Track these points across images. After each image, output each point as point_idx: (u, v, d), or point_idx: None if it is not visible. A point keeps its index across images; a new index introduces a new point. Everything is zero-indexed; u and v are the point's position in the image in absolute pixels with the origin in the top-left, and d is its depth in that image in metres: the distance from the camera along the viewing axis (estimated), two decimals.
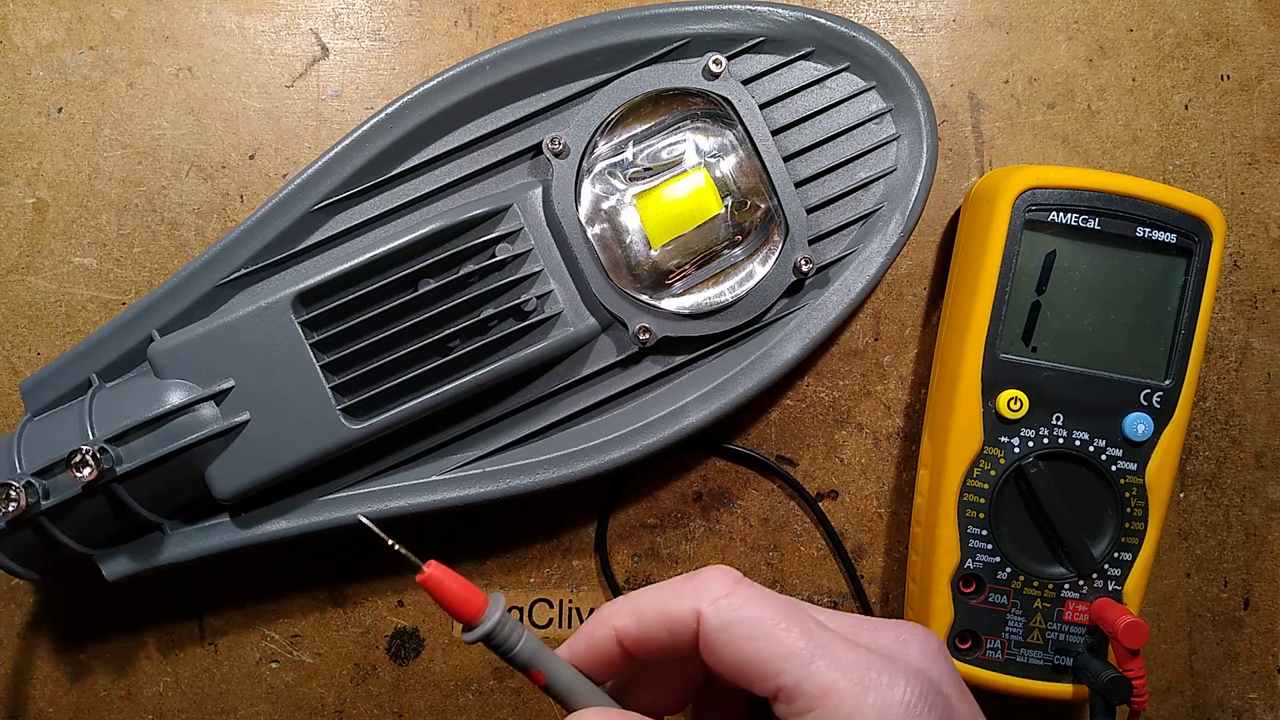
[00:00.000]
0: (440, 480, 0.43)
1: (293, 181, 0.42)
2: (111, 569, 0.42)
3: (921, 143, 0.43)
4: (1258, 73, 0.47)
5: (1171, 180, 0.47)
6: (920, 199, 0.43)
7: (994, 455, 0.43)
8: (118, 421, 0.39)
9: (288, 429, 0.40)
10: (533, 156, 0.43)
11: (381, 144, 0.42)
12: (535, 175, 0.43)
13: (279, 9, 0.46)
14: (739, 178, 0.43)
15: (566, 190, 0.42)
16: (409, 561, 0.28)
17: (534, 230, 0.42)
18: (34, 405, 0.42)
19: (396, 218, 0.43)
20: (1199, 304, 0.42)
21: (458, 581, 0.28)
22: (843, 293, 0.43)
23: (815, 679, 0.25)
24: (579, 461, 0.43)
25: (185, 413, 0.40)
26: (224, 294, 0.42)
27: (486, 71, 0.42)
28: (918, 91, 0.43)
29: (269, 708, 0.47)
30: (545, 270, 0.42)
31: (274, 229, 0.42)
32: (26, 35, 0.46)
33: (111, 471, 0.38)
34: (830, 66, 0.43)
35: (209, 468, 0.40)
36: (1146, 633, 0.40)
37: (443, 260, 0.41)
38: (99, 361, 0.42)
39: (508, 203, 0.42)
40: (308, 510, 0.43)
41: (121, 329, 0.42)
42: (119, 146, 0.46)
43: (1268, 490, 0.48)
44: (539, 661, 0.29)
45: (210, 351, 0.40)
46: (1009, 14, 0.47)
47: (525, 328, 0.42)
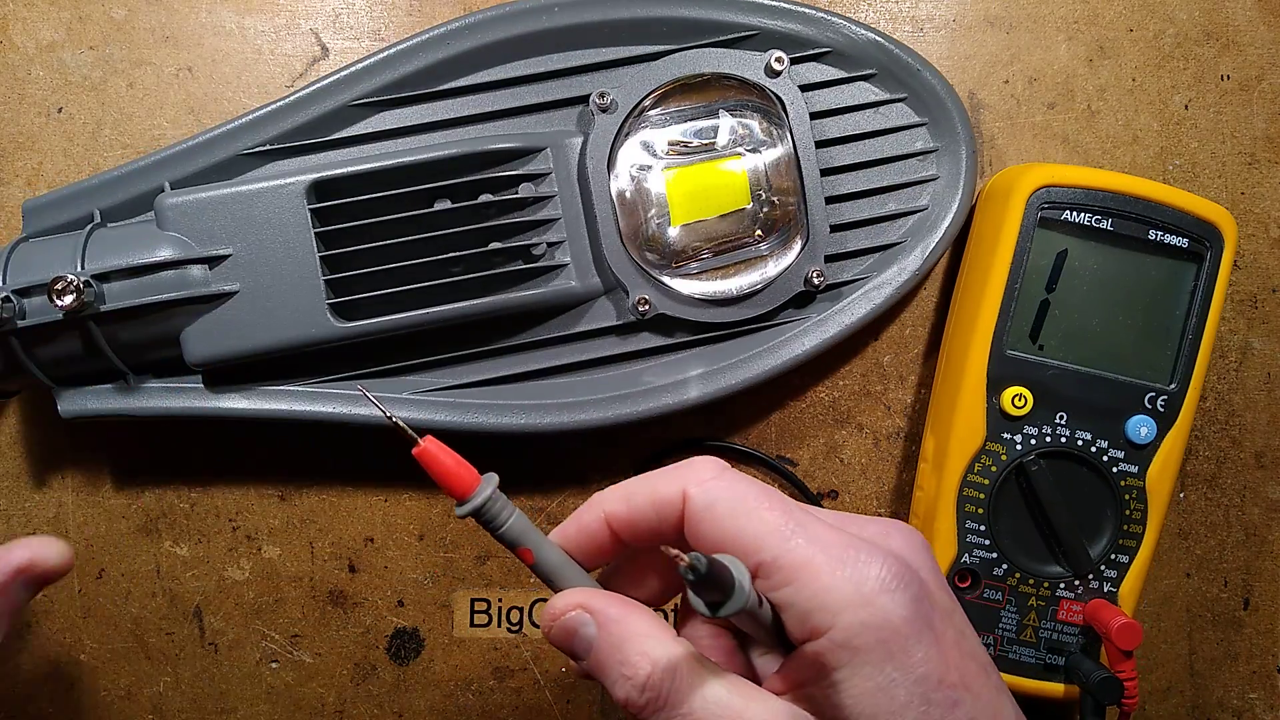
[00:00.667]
0: (410, 399, 0.43)
1: (341, 71, 0.42)
2: (68, 404, 0.41)
3: (958, 189, 0.44)
4: (1258, 73, 0.47)
5: (1171, 180, 0.47)
6: (944, 243, 0.44)
7: (996, 451, 0.43)
8: (109, 260, 0.39)
9: (274, 310, 0.40)
10: (578, 107, 0.43)
11: (435, 56, 0.42)
12: (577, 125, 0.43)
13: (279, 9, 0.46)
14: (773, 178, 0.43)
15: (603, 147, 0.42)
16: (406, 436, 0.28)
17: (561, 178, 0.42)
18: (31, 227, 0.42)
19: (432, 131, 0.43)
20: (1208, 309, 0.42)
21: (451, 457, 0.28)
22: (848, 314, 0.44)
23: (793, 554, 0.26)
24: (551, 414, 0.43)
25: (176, 268, 0.40)
26: (245, 164, 0.42)
27: (555, 13, 0.42)
28: (965, 139, 0.44)
29: (269, 708, 0.47)
30: (563, 220, 0.42)
31: (310, 112, 0.42)
32: (26, 35, 0.46)
33: (92, 306, 0.38)
34: (889, 93, 0.44)
35: (187, 329, 0.40)
36: (1140, 634, 0.40)
37: (465, 185, 0.41)
38: (106, 199, 0.42)
39: (543, 145, 0.42)
40: (274, 396, 0.42)
41: (135, 172, 0.42)
42: (119, 146, 0.46)
43: (1268, 490, 0.48)
44: (528, 540, 0.29)
45: (216, 215, 0.40)
46: (1009, 14, 0.47)
47: (528, 270, 0.42)
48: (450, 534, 0.47)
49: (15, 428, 0.46)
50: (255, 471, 0.47)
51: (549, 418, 0.43)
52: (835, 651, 0.26)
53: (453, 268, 0.41)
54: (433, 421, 0.42)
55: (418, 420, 0.42)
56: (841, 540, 0.26)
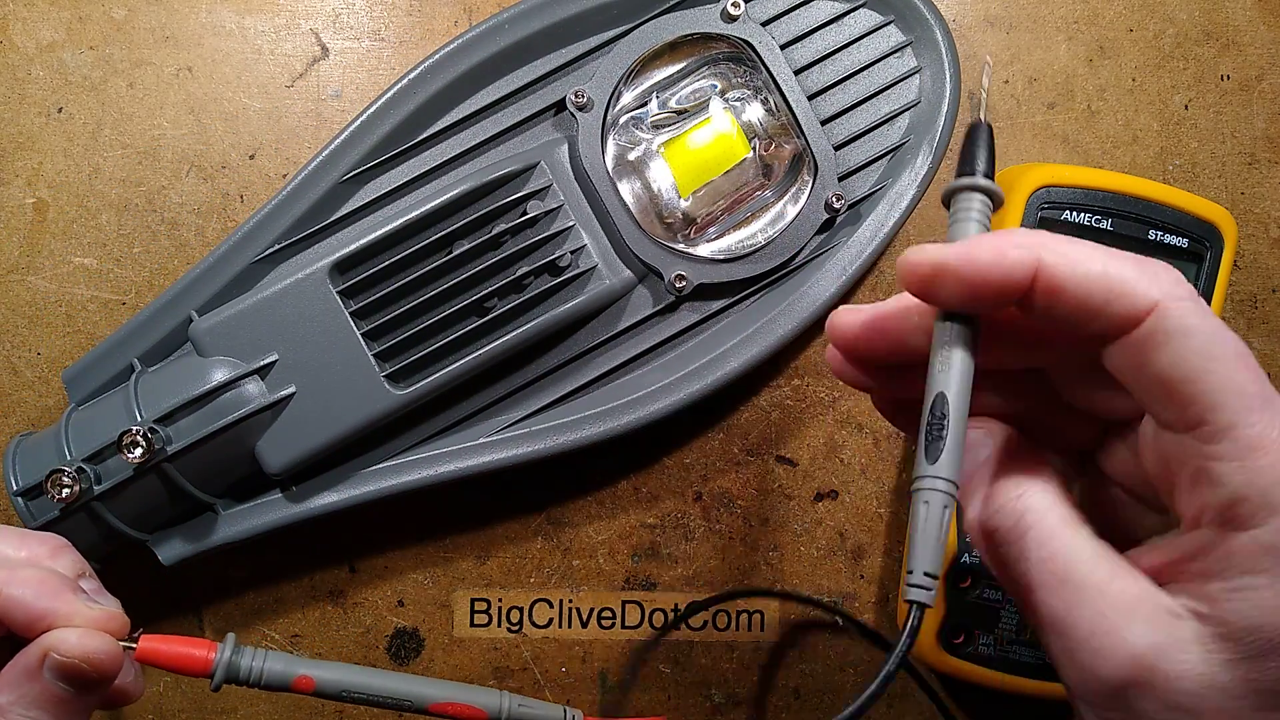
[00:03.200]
0: (486, 443, 0.43)
1: (320, 154, 0.42)
2: (167, 553, 0.42)
3: (944, 73, 0.43)
4: (1258, 73, 0.47)
5: (1172, 180, 0.47)
6: (947, 129, 0.43)
7: None
8: (164, 402, 0.39)
9: (334, 399, 0.40)
10: (556, 113, 0.43)
11: (406, 110, 0.42)
12: (560, 131, 0.43)
13: (279, 9, 0.46)
14: (765, 119, 0.43)
15: (592, 143, 0.42)
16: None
17: (563, 185, 0.42)
18: (77, 394, 0.42)
19: (426, 183, 0.43)
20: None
21: (175, 643, 0.29)
22: (876, 227, 0.43)
23: (1256, 429, 0.22)
24: (623, 415, 0.43)
25: (231, 388, 0.40)
26: (260, 270, 0.42)
27: (505, 30, 0.42)
28: (935, 22, 0.43)
29: (269, 707, 0.47)
30: (577, 225, 0.42)
31: (305, 202, 0.42)
32: (26, 35, 0.46)
33: (162, 451, 0.38)
34: (847, 3, 0.44)
35: (259, 443, 0.40)
36: None
37: (475, 221, 0.41)
38: (139, 347, 0.42)
39: (535, 160, 0.42)
40: (357, 481, 0.42)
41: (159, 312, 0.42)
42: (119, 146, 0.46)
43: None
44: (297, 669, 0.29)
45: (251, 327, 0.40)
46: (1009, 14, 0.47)
47: (561, 283, 0.42)
48: (450, 534, 0.47)
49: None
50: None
51: (625, 418, 0.43)
52: (1258, 554, 0.22)
53: (489, 303, 0.42)
54: (515, 457, 0.43)
55: (500, 461, 0.42)
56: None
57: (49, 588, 0.31)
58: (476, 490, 0.47)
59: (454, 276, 0.41)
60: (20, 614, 0.30)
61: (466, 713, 0.34)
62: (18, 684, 0.30)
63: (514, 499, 0.47)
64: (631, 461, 0.47)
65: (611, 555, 0.47)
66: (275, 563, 0.47)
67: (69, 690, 0.30)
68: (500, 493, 0.47)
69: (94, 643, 0.30)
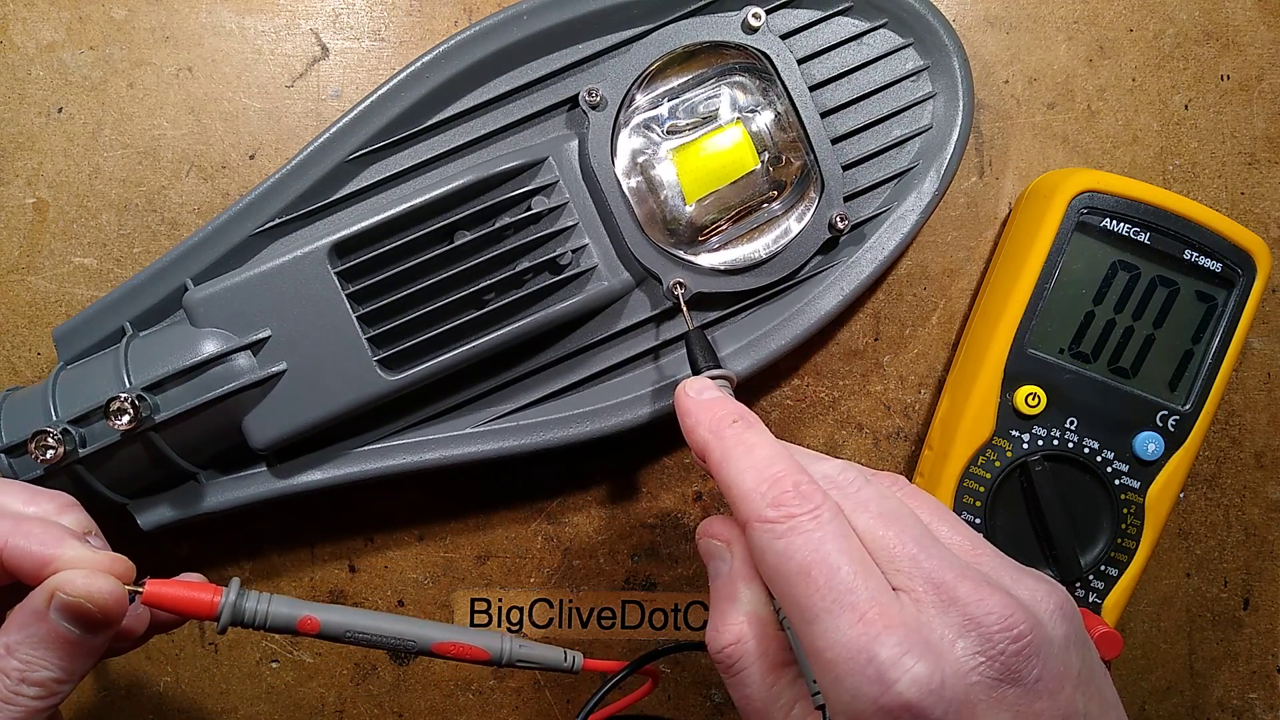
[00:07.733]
0: (474, 433, 0.43)
1: (327, 131, 0.42)
2: (147, 518, 0.41)
3: (957, 101, 0.43)
4: (1258, 73, 0.47)
5: (1171, 180, 0.47)
6: (955, 158, 0.43)
7: (1001, 447, 0.43)
8: (154, 369, 0.39)
9: (324, 379, 0.40)
10: (569, 109, 0.43)
11: (416, 94, 0.42)
12: (571, 128, 0.43)
13: (279, 9, 0.46)
14: (776, 133, 0.43)
15: (603, 143, 0.42)
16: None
17: (570, 183, 0.42)
18: (66, 353, 0.42)
19: (432, 169, 0.43)
20: (1231, 336, 0.43)
21: (180, 587, 0.29)
22: (877, 250, 0.43)
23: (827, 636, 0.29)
24: (614, 415, 0.43)
25: (222, 361, 0.40)
26: (258, 244, 0.42)
27: (524, 22, 0.42)
28: (954, 49, 0.43)
29: (269, 708, 0.47)
30: (580, 224, 0.42)
31: (308, 179, 0.42)
32: (26, 35, 0.46)
33: (149, 419, 0.38)
34: (868, 22, 0.43)
35: (246, 417, 0.40)
36: (1121, 644, 0.40)
37: (479, 213, 0.41)
38: (132, 310, 0.42)
39: (544, 155, 0.42)
40: (344, 461, 0.42)
41: (155, 277, 0.42)
42: (119, 146, 0.46)
43: (1268, 490, 0.48)
44: (300, 610, 0.30)
45: (246, 300, 0.40)
46: (1009, 14, 0.47)
47: (560, 281, 0.42)
48: (450, 534, 0.47)
49: None
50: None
51: (615, 418, 0.43)
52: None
53: (486, 296, 0.42)
54: (502, 449, 0.43)
55: (487, 452, 0.42)
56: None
57: (54, 535, 0.32)
58: (477, 491, 0.47)
59: (454, 267, 0.41)
60: (27, 562, 0.31)
61: (469, 653, 0.35)
62: (25, 624, 0.31)
63: (514, 499, 0.47)
64: (631, 461, 0.47)
65: (611, 555, 0.47)
66: (276, 562, 0.47)
67: (75, 631, 0.31)
68: (501, 493, 0.47)
69: (99, 583, 0.31)
